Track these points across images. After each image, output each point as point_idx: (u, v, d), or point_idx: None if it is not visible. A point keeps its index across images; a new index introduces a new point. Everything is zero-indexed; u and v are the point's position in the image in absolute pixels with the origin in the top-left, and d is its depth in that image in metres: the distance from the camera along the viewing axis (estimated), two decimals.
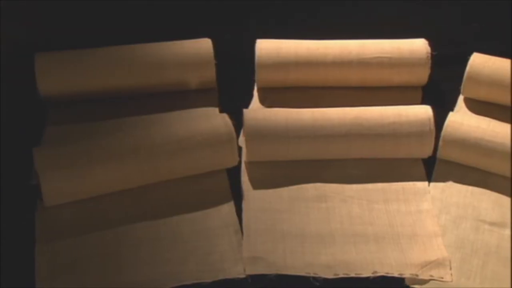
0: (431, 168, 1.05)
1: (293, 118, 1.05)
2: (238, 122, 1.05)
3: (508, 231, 0.95)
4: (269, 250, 0.95)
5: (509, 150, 0.99)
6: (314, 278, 0.92)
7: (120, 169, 0.97)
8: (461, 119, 1.04)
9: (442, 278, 0.91)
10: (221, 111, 1.09)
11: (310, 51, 1.13)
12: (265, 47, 1.14)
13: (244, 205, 1.01)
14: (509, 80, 1.07)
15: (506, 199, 0.99)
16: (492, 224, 0.97)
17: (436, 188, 1.02)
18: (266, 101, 1.16)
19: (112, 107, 1.11)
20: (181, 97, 1.13)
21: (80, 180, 0.95)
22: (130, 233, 0.95)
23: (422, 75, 1.13)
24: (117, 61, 1.10)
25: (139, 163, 0.98)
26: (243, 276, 0.91)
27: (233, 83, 1.18)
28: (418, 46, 1.13)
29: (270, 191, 1.03)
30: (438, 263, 0.93)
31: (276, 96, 1.16)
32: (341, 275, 0.92)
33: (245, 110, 1.06)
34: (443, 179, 1.04)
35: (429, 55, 1.12)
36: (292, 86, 1.16)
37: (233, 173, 1.04)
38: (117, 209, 0.98)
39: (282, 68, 1.13)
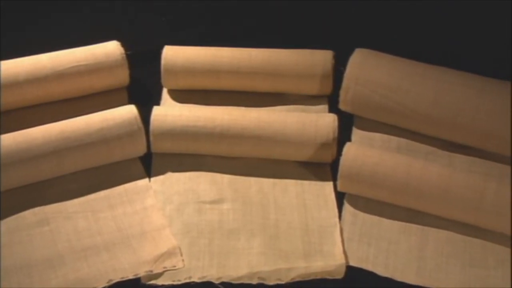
0: (150, 164, 1.07)
1: None
2: None
3: (226, 205, 1.01)
4: None
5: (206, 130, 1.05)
6: None
7: None
8: (165, 111, 1.07)
9: (175, 266, 0.93)
10: None
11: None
12: None
13: None
14: (199, 66, 1.12)
15: (219, 176, 1.04)
16: (211, 202, 1.01)
17: (156, 182, 1.04)
18: None
19: None
20: None
21: None
22: None
23: (122, 76, 1.14)
24: None
25: None
26: None
27: None
28: (112, 48, 1.13)
29: None
30: (169, 254, 0.95)
31: None
32: None
33: None
34: (162, 172, 1.06)
35: (124, 55, 1.13)
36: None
37: None
38: None
39: None
